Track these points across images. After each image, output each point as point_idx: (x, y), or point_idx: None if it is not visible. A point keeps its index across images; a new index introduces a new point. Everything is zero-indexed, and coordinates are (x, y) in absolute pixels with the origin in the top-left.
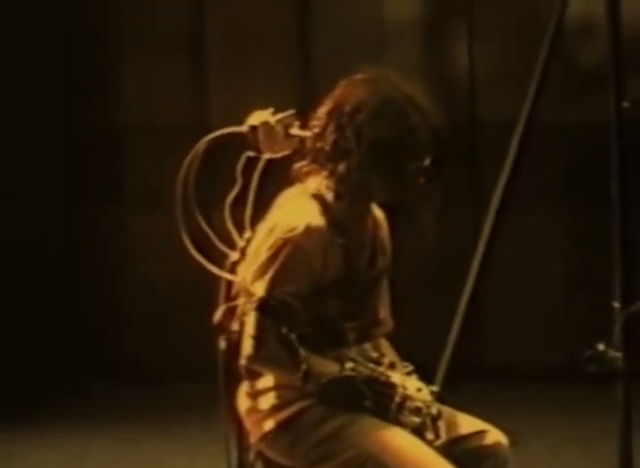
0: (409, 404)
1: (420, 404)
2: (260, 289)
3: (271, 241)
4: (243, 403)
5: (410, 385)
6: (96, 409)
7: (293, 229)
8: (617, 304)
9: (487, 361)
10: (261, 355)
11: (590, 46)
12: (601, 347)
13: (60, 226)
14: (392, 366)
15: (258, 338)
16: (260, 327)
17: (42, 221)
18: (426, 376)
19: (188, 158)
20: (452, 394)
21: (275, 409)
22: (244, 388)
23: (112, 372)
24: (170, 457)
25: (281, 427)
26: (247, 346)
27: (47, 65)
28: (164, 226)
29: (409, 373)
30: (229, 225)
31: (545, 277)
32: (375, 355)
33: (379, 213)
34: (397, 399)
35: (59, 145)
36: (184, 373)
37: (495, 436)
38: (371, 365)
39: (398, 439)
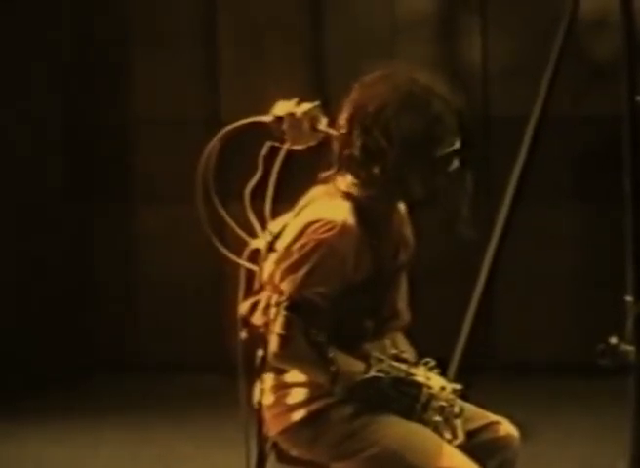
0: (433, 403)
1: (443, 403)
2: (290, 287)
3: (304, 240)
4: (267, 396)
5: (434, 384)
6: (105, 402)
7: (327, 230)
8: (629, 298)
9: (500, 354)
10: (289, 354)
11: (604, 39)
12: (614, 341)
13: (66, 223)
14: (415, 362)
15: (286, 337)
16: (288, 326)
17: (47, 218)
18: (443, 370)
19: (208, 147)
20: (465, 387)
21: (300, 405)
22: (269, 382)
23: (122, 365)
24: (179, 447)
25: (305, 422)
26: (274, 344)
27: (54, 58)
28: (174, 220)
29: (431, 369)
30: (249, 214)
31: (558, 271)
32: (395, 351)
33: (401, 206)
34: (422, 399)
35: (65, 141)
36: (194, 365)
37: (506, 428)
38: (395, 363)
39: (421, 437)
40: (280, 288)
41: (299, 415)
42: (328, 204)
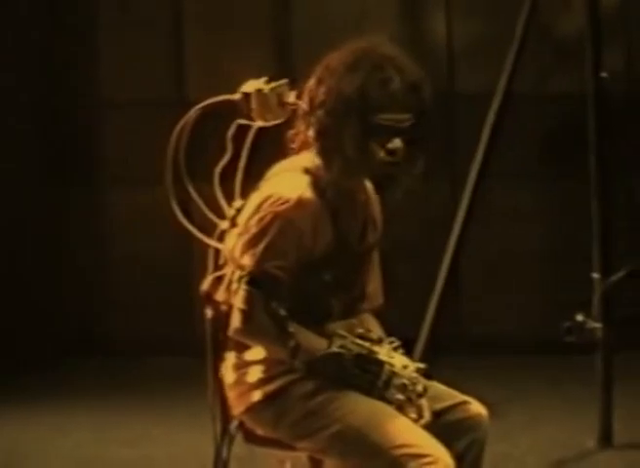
0: (395, 381)
1: (405, 381)
2: (249, 262)
3: (261, 213)
4: (229, 374)
5: (396, 362)
6: (75, 385)
7: (283, 203)
8: (596, 275)
9: (467, 333)
10: (250, 328)
11: (568, 17)
12: (580, 318)
13: (39, 205)
14: (379, 341)
15: (247, 312)
16: (249, 300)
17: (21, 202)
18: (409, 351)
19: (178, 127)
20: (432, 365)
21: (262, 382)
22: (230, 360)
23: (91, 348)
24: (149, 430)
25: (267, 399)
26: (236, 319)
27: (22, 42)
28: (144, 203)
29: (395, 349)
30: (219, 195)
31: (525, 249)
32: (361, 330)
33: (370, 188)
34: (384, 376)
35: (33, 126)
36: (165, 347)
37: (475, 408)
38: (358, 340)
39: (383, 415)
40: (240, 262)
41: (259, 394)
42: (286, 178)
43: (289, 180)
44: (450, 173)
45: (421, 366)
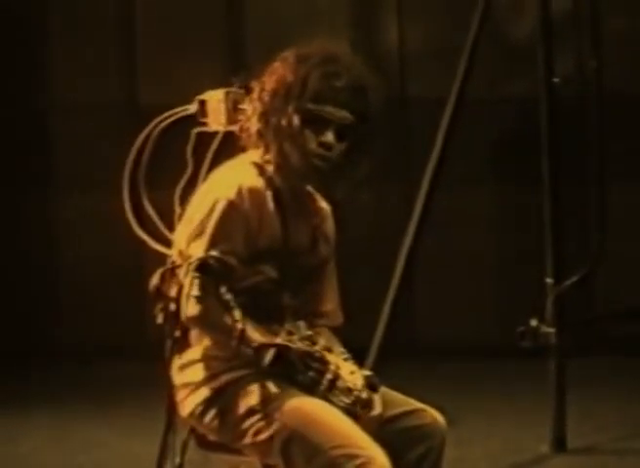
0: (340, 383)
1: (350, 385)
2: (197, 248)
3: (206, 201)
4: (175, 377)
5: (343, 367)
6: (28, 388)
7: (227, 188)
8: (549, 280)
9: (420, 338)
10: (200, 314)
11: (520, 22)
12: (534, 323)
13: None
14: (328, 350)
15: (196, 298)
16: (198, 286)
17: None
18: (361, 360)
19: (139, 140)
20: (385, 372)
21: (203, 383)
22: (176, 362)
23: (44, 351)
24: (100, 434)
25: (208, 401)
26: (186, 306)
27: None
28: (96, 205)
29: (345, 359)
30: (178, 212)
31: (478, 253)
32: (309, 333)
33: (325, 204)
34: (329, 375)
35: None
36: (116, 352)
37: (431, 415)
38: (306, 341)
39: (324, 414)
40: (188, 251)
41: (202, 394)
42: (232, 169)
43: (234, 171)
44: (403, 178)
45: (368, 373)
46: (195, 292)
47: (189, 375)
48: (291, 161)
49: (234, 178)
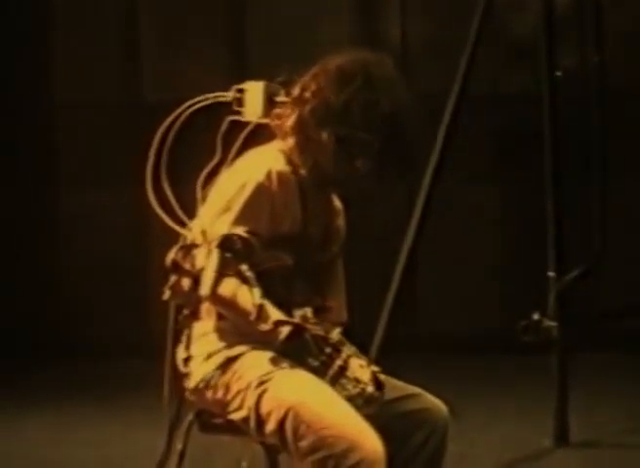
0: (349, 373)
1: (359, 375)
2: (222, 226)
3: (235, 182)
4: (184, 351)
5: (354, 359)
6: (32, 385)
7: (257, 171)
8: (551, 274)
9: (423, 331)
10: (220, 290)
11: (522, 18)
12: (536, 317)
13: None
14: (341, 342)
15: (218, 274)
16: (220, 263)
17: None
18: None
19: (164, 125)
20: (387, 366)
21: (215, 353)
22: (185, 337)
23: (47, 351)
24: (106, 429)
25: (217, 370)
26: (205, 281)
27: None
28: (99, 203)
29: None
30: (200, 195)
31: (481, 247)
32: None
33: (338, 203)
34: (339, 362)
35: None
36: (120, 348)
37: (429, 399)
38: (322, 329)
39: (323, 396)
40: (212, 229)
41: (212, 365)
42: (261, 154)
43: (263, 156)
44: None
45: (377, 369)
46: (215, 267)
47: (200, 347)
48: (321, 168)
49: (264, 162)
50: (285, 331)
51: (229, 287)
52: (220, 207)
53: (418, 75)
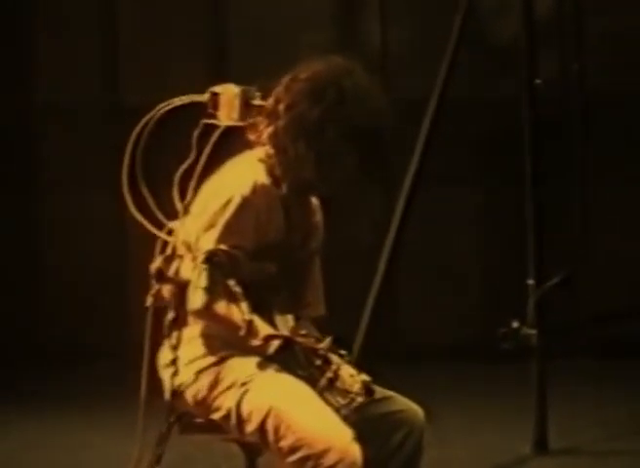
0: (338, 384)
1: (348, 387)
2: (208, 241)
3: (220, 196)
4: (167, 355)
5: (344, 369)
6: (12, 392)
7: (241, 185)
8: (530, 282)
9: (403, 339)
10: (207, 306)
11: (503, 23)
12: (515, 324)
13: None
14: (333, 350)
15: (205, 290)
16: (207, 278)
17: None
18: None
19: (138, 127)
20: (368, 372)
21: (200, 357)
22: (170, 342)
23: (28, 356)
24: (87, 438)
25: (201, 372)
26: (194, 298)
27: None
28: (79, 206)
29: (343, 359)
30: (176, 197)
31: (460, 254)
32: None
33: (314, 200)
34: (329, 374)
35: None
36: (101, 356)
37: (406, 402)
38: (312, 338)
39: (306, 398)
40: (199, 244)
41: (195, 368)
42: (243, 166)
43: (245, 167)
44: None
45: (366, 378)
46: (203, 283)
47: (187, 351)
48: (300, 176)
49: (248, 175)
50: (275, 344)
51: (218, 302)
52: (205, 221)
53: (397, 79)
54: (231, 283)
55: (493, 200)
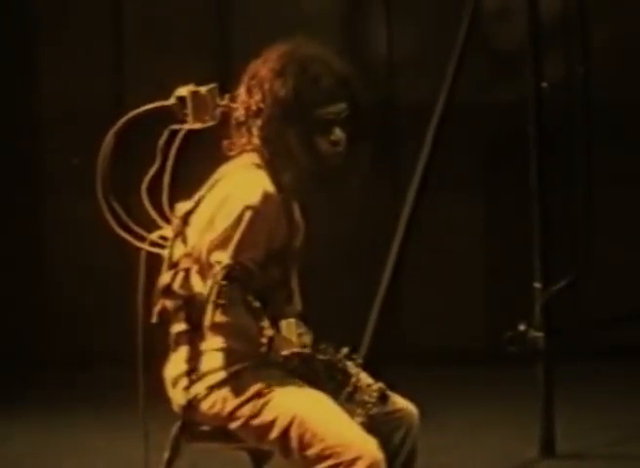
0: (357, 396)
1: (366, 398)
2: (224, 256)
3: (229, 210)
4: (178, 367)
5: (362, 379)
6: (17, 396)
7: (251, 197)
8: (537, 285)
9: (408, 343)
10: (226, 322)
11: (509, 27)
12: (522, 327)
13: None
14: (350, 357)
15: (225, 306)
16: (227, 294)
17: None
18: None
19: (109, 135)
20: (373, 376)
21: (217, 370)
22: (181, 354)
23: (33, 360)
24: (92, 441)
25: (218, 385)
26: (213, 314)
27: None
28: (81, 215)
29: (357, 365)
30: (148, 206)
31: (466, 258)
32: (300, 331)
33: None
34: (349, 389)
35: None
36: (105, 357)
37: (402, 401)
38: (330, 350)
39: (327, 407)
40: (212, 259)
41: (221, 374)
42: (245, 174)
43: (248, 176)
44: (391, 183)
45: (383, 386)
46: (222, 300)
47: (202, 363)
48: (308, 168)
49: (254, 183)
50: (294, 362)
51: (237, 318)
52: (219, 236)
53: (404, 83)
54: (250, 298)
55: (498, 204)
